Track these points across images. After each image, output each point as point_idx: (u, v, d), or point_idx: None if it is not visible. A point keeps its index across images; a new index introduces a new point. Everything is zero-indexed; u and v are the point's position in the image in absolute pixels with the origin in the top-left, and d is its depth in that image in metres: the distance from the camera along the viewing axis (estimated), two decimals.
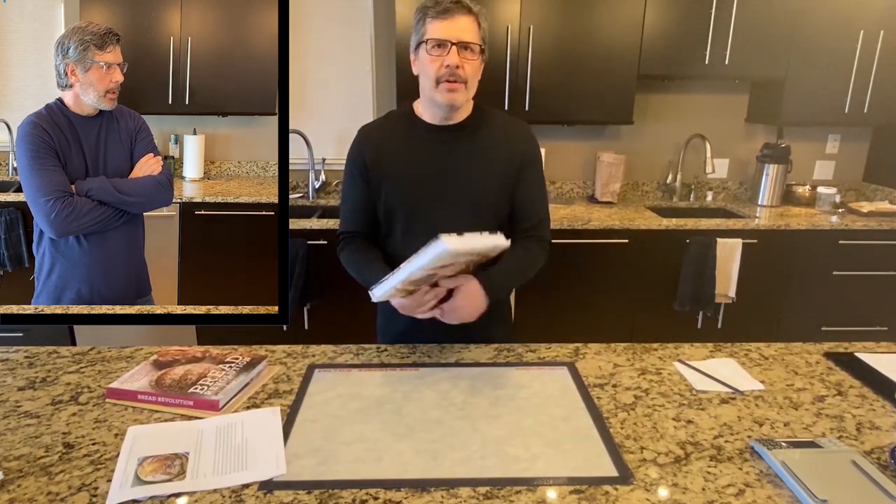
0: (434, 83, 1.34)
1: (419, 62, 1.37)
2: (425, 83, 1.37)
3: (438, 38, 1.31)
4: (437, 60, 1.32)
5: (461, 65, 1.32)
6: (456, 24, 1.31)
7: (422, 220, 1.42)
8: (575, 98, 3.05)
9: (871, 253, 3.02)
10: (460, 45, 1.31)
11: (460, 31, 1.31)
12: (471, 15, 1.33)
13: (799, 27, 3.00)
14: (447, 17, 1.31)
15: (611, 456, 1.02)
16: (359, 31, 3.25)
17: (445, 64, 1.31)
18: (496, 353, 1.41)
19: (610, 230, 2.90)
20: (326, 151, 3.34)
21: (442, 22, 1.31)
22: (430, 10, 1.32)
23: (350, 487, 0.93)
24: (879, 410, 1.18)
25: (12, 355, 1.39)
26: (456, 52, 1.31)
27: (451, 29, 1.31)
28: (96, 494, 0.91)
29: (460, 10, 1.31)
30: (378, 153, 1.43)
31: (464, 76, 1.33)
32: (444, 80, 1.33)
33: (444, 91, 1.34)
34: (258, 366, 1.30)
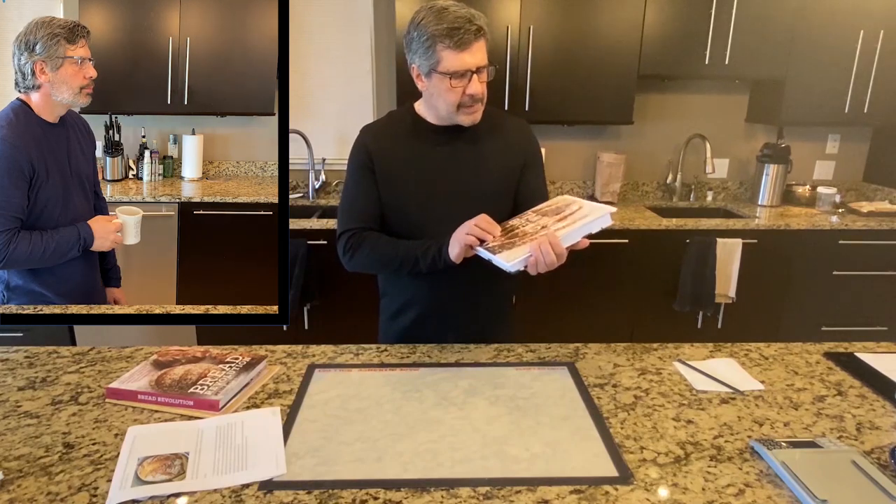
0: (454, 109, 1.35)
1: (432, 86, 1.35)
2: (441, 106, 1.36)
3: (459, 70, 1.29)
4: (458, 90, 1.32)
5: (482, 90, 1.33)
6: (474, 54, 1.30)
7: (425, 220, 1.42)
8: (575, 98, 3.06)
9: (871, 253, 3.02)
10: (478, 70, 1.31)
11: (478, 58, 1.31)
12: (482, 37, 1.31)
13: (799, 27, 3.00)
14: (466, 48, 1.28)
15: (611, 456, 1.02)
16: (359, 31, 3.25)
17: (468, 93, 1.32)
18: (496, 353, 1.41)
19: (610, 230, 2.89)
20: (326, 151, 3.34)
21: (461, 53, 1.28)
22: (444, 40, 1.27)
23: (350, 487, 0.93)
24: (879, 410, 1.18)
25: (12, 355, 1.39)
26: (477, 80, 1.31)
27: (471, 59, 1.29)
28: (96, 494, 0.91)
29: (477, 38, 1.30)
30: (382, 152, 1.43)
31: (483, 97, 1.35)
32: (465, 105, 1.34)
33: (465, 115, 1.36)
34: (258, 366, 1.30)
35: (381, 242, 1.42)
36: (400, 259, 1.39)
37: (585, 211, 1.28)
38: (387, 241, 1.42)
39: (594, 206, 1.30)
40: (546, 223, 1.27)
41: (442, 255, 1.32)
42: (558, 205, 1.35)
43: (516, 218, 1.35)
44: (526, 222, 1.31)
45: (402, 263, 1.39)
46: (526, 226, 1.30)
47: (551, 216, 1.30)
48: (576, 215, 1.27)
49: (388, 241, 1.42)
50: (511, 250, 1.21)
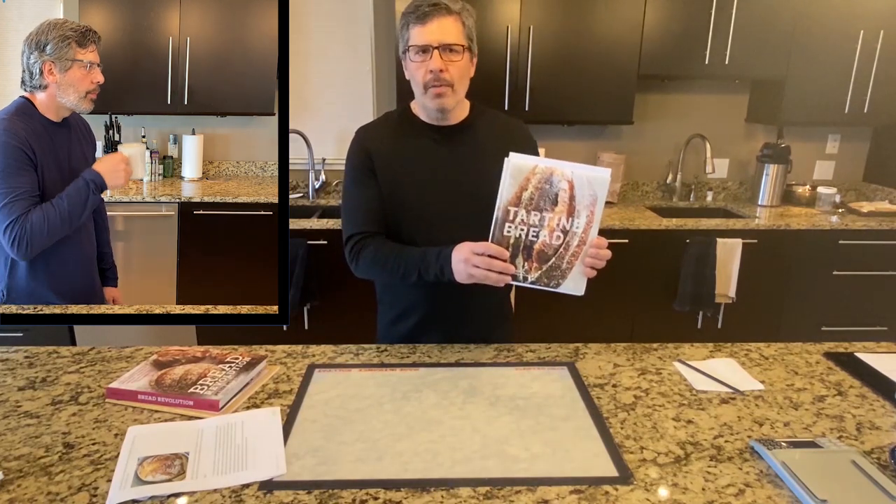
0: (422, 89, 1.34)
1: (408, 71, 1.38)
2: (415, 89, 1.37)
3: (420, 43, 1.30)
4: (421, 66, 1.32)
5: (445, 68, 1.31)
6: (436, 28, 1.29)
7: (421, 220, 1.42)
8: (575, 98, 3.06)
9: (871, 253, 3.02)
10: (442, 47, 1.30)
11: (441, 33, 1.30)
12: (451, 15, 1.31)
13: (799, 27, 3.00)
14: (427, 21, 1.29)
15: (611, 456, 1.02)
16: (359, 31, 3.25)
17: (430, 69, 1.31)
18: (496, 353, 1.41)
19: (610, 230, 2.90)
20: (326, 151, 3.34)
21: (422, 27, 1.30)
22: (411, 16, 1.31)
23: (350, 487, 0.93)
24: (879, 410, 1.18)
25: (12, 355, 1.39)
26: (439, 56, 1.30)
27: (431, 33, 1.30)
28: (96, 494, 0.91)
29: (439, 13, 1.30)
30: (378, 153, 1.43)
31: (449, 79, 1.32)
32: (430, 85, 1.33)
33: (431, 97, 1.34)
34: (258, 366, 1.30)
35: (382, 253, 1.38)
36: (402, 272, 1.36)
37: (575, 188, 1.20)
38: (388, 251, 1.38)
39: (570, 169, 1.21)
40: (550, 221, 1.21)
41: (445, 275, 1.29)
42: (536, 187, 1.22)
43: (506, 224, 1.23)
44: (525, 227, 1.23)
45: (403, 276, 1.37)
46: (529, 232, 1.22)
47: (547, 208, 1.21)
48: (570, 197, 1.21)
49: (390, 251, 1.38)
50: (565, 280, 1.27)
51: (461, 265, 1.25)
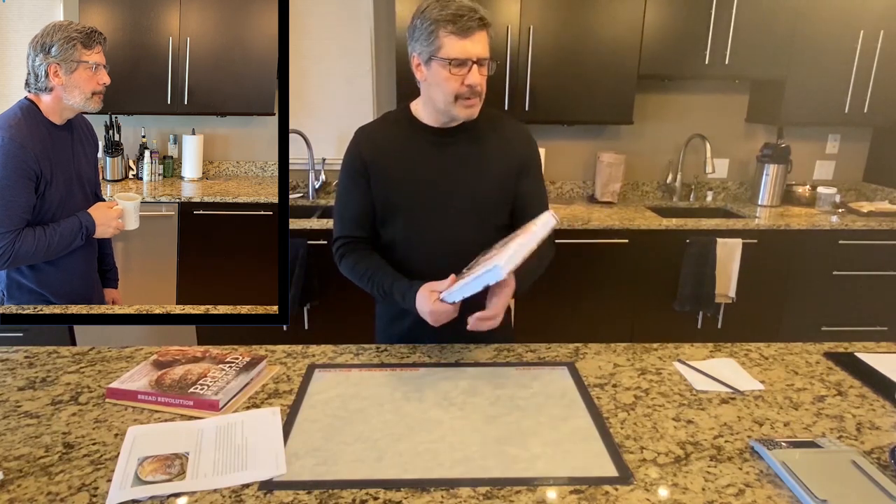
0: (452, 99, 1.33)
1: (431, 75, 1.34)
2: (439, 97, 1.35)
3: (461, 57, 1.29)
4: (457, 79, 1.31)
5: (480, 82, 1.32)
6: (475, 43, 1.29)
7: (422, 223, 1.42)
8: (575, 98, 3.06)
9: (871, 253, 3.02)
10: (479, 62, 1.31)
11: (482, 48, 1.31)
12: (486, 28, 1.31)
13: (799, 27, 3.00)
14: (469, 35, 1.28)
15: (611, 456, 1.02)
16: (359, 31, 3.25)
17: (467, 83, 1.31)
18: (496, 353, 1.41)
19: (610, 230, 2.90)
20: (326, 151, 3.34)
21: (463, 40, 1.28)
22: (448, 25, 1.28)
23: (350, 487, 0.93)
24: (879, 410, 1.18)
25: (12, 355, 1.39)
26: (477, 71, 1.31)
27: (472, 48, 1.29)
28: (96, 494, 0.91)
29: (480, 28, 1.30)
30: (377, 155, 1.42)
31: (482, 91, 1.34)
32: (465, 97, 1.33)
33: (462, 107, 1.34)
34: (258, 366, 1.30)
35: (358, 270, 1.44)
36: (375, 293, 1.43)
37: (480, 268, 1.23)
38: (363, 269, 1.43)
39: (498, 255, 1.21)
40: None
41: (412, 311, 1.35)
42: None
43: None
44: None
45: (377, 296, 1.43)
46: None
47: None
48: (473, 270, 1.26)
49: (365, 269, 1.43)
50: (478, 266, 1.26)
51: (427, 316, 1.31)
